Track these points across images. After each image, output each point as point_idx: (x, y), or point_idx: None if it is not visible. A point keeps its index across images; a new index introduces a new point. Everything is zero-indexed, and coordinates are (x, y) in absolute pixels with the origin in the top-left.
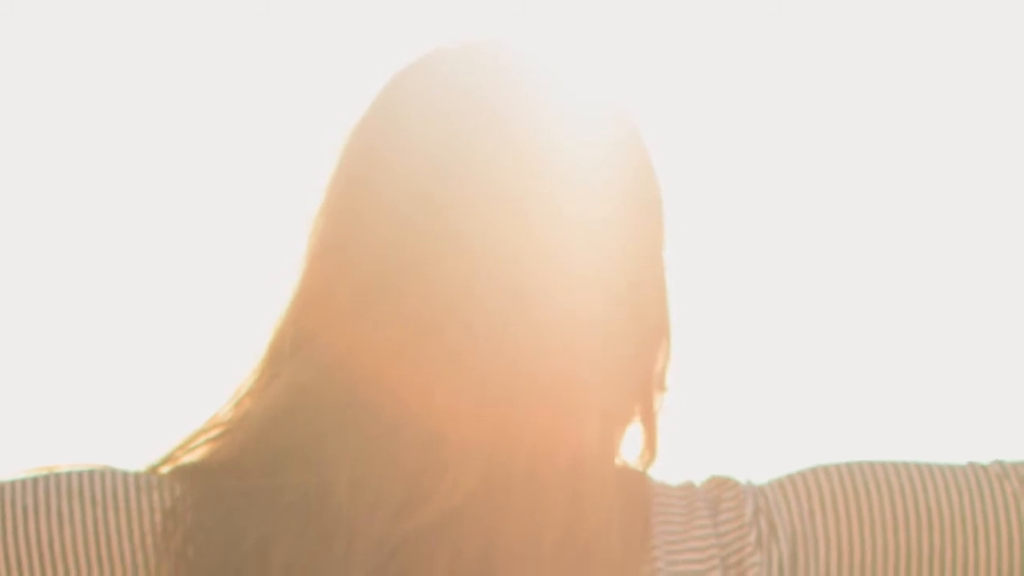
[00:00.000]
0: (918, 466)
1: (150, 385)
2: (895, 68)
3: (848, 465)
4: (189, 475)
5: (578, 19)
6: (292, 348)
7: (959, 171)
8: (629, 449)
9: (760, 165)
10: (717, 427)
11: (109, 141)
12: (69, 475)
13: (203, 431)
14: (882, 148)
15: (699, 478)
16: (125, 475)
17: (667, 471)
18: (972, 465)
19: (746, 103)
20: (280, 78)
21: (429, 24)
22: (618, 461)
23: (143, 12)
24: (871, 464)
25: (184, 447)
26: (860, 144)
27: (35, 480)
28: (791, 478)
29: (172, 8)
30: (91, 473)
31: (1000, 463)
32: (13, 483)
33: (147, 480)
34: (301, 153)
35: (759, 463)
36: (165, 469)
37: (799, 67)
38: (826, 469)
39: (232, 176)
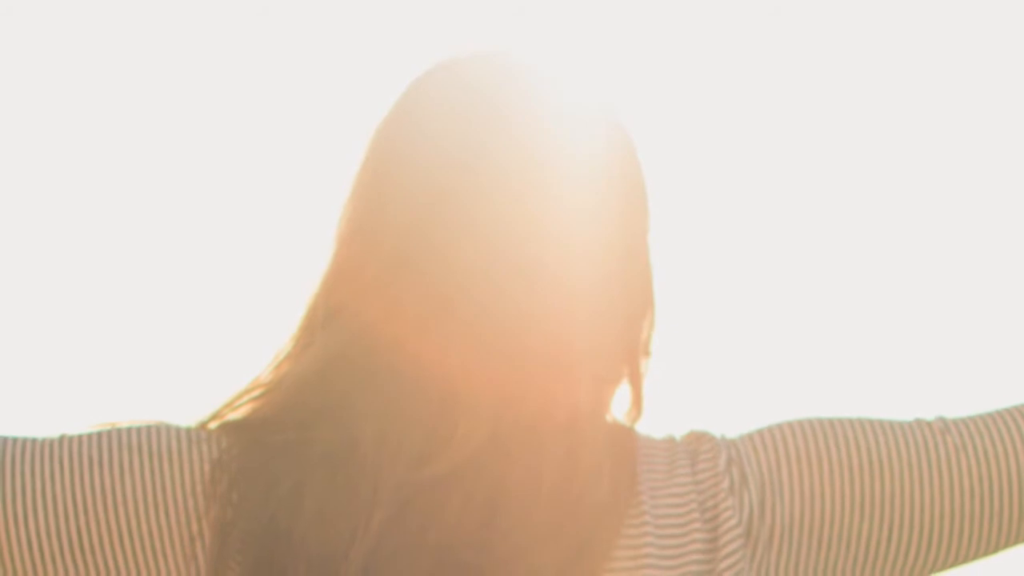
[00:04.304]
0: (871, 421)
1: (200, 350)
2: (890, 67)
3: (809, 421)
4: (234, 430)
5: (575, 25)
6: (324, 319)
7: (917, 165)
8: (618, 407)
9: (735, 160)
10: (695, 387)
11: (164, 140)
12: (128, 430)
13: (246, 391)
14: (866, 139)
15: (679, 433)
16: (178, 430)
17: (651, 426)
18: (919, 421)
19: (723, 104)
20: (312, 85)
21: (444, 34)
22: (608, 418)
23: (190, 23)
24: (830, 420)
25: (229, 405)
26: (842, 141)
27: (98, 434)
28: (760, 432)
29: (219, 26)
30: (148, 428)
31: (943, 419)
32: (80, 437)
33: (197, 434)
34: (333, 149)
35: (732, 418)
36: (213, 425)
37: (785, 77)
38: (790, 424)
39: (274, 172)
